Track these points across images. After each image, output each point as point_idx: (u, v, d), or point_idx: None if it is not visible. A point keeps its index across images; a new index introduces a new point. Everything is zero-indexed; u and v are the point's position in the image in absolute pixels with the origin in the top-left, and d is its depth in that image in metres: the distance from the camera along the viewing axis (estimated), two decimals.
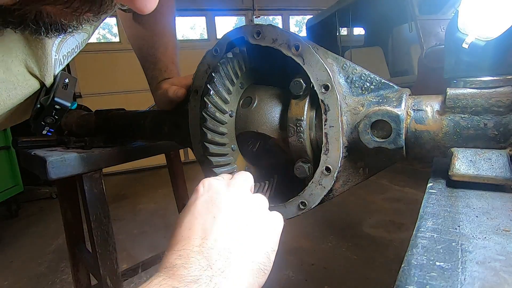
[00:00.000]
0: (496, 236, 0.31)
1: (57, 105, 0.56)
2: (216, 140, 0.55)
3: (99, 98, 5.12)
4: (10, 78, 0.49)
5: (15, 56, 0.49)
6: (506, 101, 0.42)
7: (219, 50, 0.58)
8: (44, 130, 0.59)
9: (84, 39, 0.65)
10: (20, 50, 0.49)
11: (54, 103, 0.55)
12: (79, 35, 0.62)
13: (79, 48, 0.65)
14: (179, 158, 1.44)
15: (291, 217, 0.55)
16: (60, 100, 0.56)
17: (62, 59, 0.59)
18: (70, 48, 0.61)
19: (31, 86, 0.54)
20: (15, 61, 0.49)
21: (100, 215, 0.90)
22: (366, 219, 2.58)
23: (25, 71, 0.51)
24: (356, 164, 0.53)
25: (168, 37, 0.88)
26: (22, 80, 0.51)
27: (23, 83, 0.52)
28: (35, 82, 0.54)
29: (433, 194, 0.43)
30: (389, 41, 4.74)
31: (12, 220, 3.37)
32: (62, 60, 0.59)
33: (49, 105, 0.55)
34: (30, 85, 0.53)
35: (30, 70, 0.52)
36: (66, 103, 0.57)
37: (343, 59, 0.53)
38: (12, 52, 0.48)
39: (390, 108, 0.46)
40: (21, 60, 0.50)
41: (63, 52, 0.59)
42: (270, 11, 6.29)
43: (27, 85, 0.52)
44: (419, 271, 0.26)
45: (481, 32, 0.43)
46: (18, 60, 0.49)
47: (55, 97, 0.55)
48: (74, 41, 0.61)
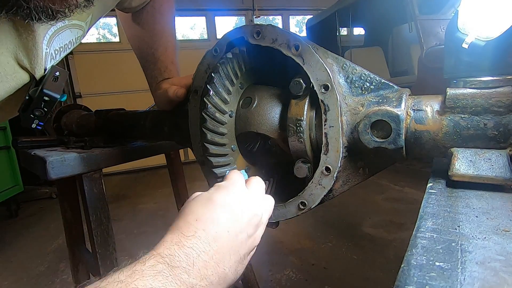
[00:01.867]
0: (496, 236, 0.31)
1: (46, 96, 0.55)
2: (216, 141, 0.55)
3: (99, 98, 5.12)
4: None
5: (5, 47, 0.48)
6: (506, 101, 0.42)
7: (219, 50, 0.58)
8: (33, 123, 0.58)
9: (78, 36, 0.64)
10: (11, 41, 0.48)
11: (43, 94, 0.55)
12: (72, 31, 0.61)
13: (73, 45, 0.65)
14: (179, 158, 1.44)
15: (291, 217, 0.55)
16: (49, 92, 0.55)
17: (53, 53, 0.58)
18: (62, 43, 0.60)
19: (19, 79, 0.53)
20: (5, 53, 0.48)
21: (100, 215, 0.90)
22: (366, 219, 2.58)
23: (14, 63, 0.51)
24: (356, 164, 0.53)
25: (167, 37, 0.88)
26: (10, 72, 0.51)
27: (11, 76, 0.51)
28: (24, 74, 0.53)
29: (433, 194, 0.43)
30: (389, 41, 4.74)
31: (12, 220, 3.37)
32: (53, 55, 0.59)
33: (37, 97, 0.55)
34: (18, 77, 0.52)
35: (19, 62, 0.51)
36: (55, 95, 0.56)
37: (343, 59, 0.53)
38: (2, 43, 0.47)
39: (390, 108, 0.46)
40: (11, 51, 0.49)
41: (55, 46, 0.58)
42: (270, 11, 6.29)
43: (15, 78, 0.52)
44: (418, 271, 0.26)
45: (481, 32, 0.42)
46: (8, 52, 0.49)
47: (43, 88, 0.55)
48: (67, 37, 0.60)
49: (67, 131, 1.13)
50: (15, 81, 0.52)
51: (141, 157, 1.02)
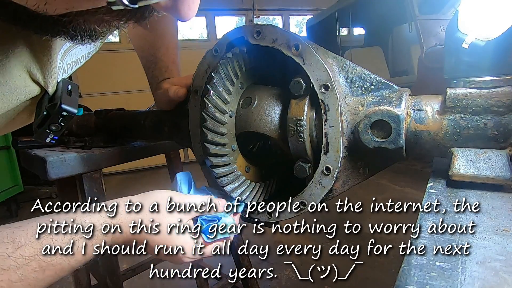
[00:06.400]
0: (496, 236, 0.31)
1: (64, 112, 0.55)
2: (216, 141, 0.55)
3: (99, 98, 5.12)
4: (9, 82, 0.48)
5: (19, 60, 0.48)
6: (506, 101, 0.42)
7: (219, 50, 0.58)
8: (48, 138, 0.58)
9: (90, 51, 0.65)
10: (25, 55, 0.48)
11: (61, 110, 0.55)
12: (86, 47, 0.61)
13: (85, 59, 0.65)
14: (179, 158, 1.44)
15: (291, 217, 0.55)
16: (67, 107, 0.55)
17: (66, 67, 0.59)
18: (75, 57, 0.60)
19: (29, 92, 0.53)
20: (17, 65, 0.48)
21: None
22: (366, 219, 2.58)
23: (26, 76, 0.50)
24: (356, 164, 0.53)
25: (169, 37, 0.88)
26: (21, 86, 0.50)
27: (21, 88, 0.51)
28: (35, 88, 0.53)
29: (433, 194, 0.43)
30: (389, 41, 4.74)
31: (12, 220, 3.36)
32: (66, 69, 0.59)
33: (56, 113, 0.55)
34: (28, 91, 0.52)
35: (32, 75, 0.51)
36: (73, 110, 0.56)
37: (343, 59, 0.53)
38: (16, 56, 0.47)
39: (390, 108, 0.46)
40: (24, 65, 0.49)
41: (68, 60, 0.58)
42: (270, 11, 6.29)
43: (25, 91, 0.52)
44: (419, 271, 0.26)
45: (481, 32, 0.42)
46: (21, 65, 0.49)
47: (62, 104, 0.54)
48: (80, 52, 0.61)
49: (67, 131, 1.13)
50: (25, 94, 0.52)
51: (141, 157, 1.02)
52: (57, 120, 0.56)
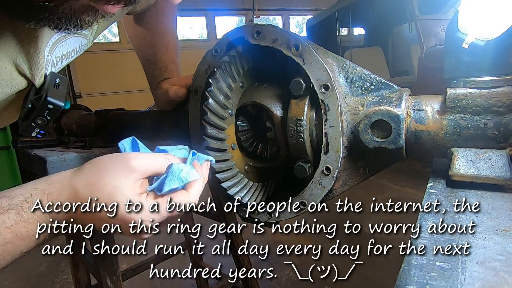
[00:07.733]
0: (496, 236, 0.31)
1: (50, 104, 0.53)
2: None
3: (99, 98, 5.12)
4: None
5: (4, 53, 0.47)
6: (506, 101, 0.42)
7: (219, 50, 0.58)
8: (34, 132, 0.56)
9: (82, 44, 0.63)
10: (11, 47, 0.47)
11: (47, 102, 0.53)
12: (76, 40, 0.60)
13: (77, 53, 0.64)
14: None
15: (291, 217, 0.55)
16: (53, 100, 0.53)
17: (55, 60, 0.58)
18: (65, 51, 0.59)
19: (15, 85, 0.52)
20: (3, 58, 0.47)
21: None
22: (366, 219, 2.58)
23: (12, 69, 0.49)
24: (356, 164, 0.53)
25: (169, 38, 0.88)
26: (6, 78, 0.49)
27: (7, 81, 0.50)
28: (22, 80, 0.52)
29: (433, 194, 0.43)
30: (389, 41, 4.73)
31: None
32: (55, 62, 0.58)
33: (41, 105, 0.53)
34: (15, 84, 0.51)
35: (19, 68, 0.50)
36: (60, 103, 0.54)
37: (343, 59, 0.53)
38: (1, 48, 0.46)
39: (390, 108, 0.46)
40: (10, 57, 0.48)
41: (57, 53, 0.57)
42: (270, 11, 6.29)
43: (11, 84, 0.51)
44: (419, 271, 0.26)
45: (481, 32, 0.42)
46: (7, 57, 0.48)
47: (47, 96, 0.53)
48: (70, 45, 0.60)
49: (67, 131, 1.13)
50: (11, 88, 0.51)
51: None
52: (42, 114, 0.54)
